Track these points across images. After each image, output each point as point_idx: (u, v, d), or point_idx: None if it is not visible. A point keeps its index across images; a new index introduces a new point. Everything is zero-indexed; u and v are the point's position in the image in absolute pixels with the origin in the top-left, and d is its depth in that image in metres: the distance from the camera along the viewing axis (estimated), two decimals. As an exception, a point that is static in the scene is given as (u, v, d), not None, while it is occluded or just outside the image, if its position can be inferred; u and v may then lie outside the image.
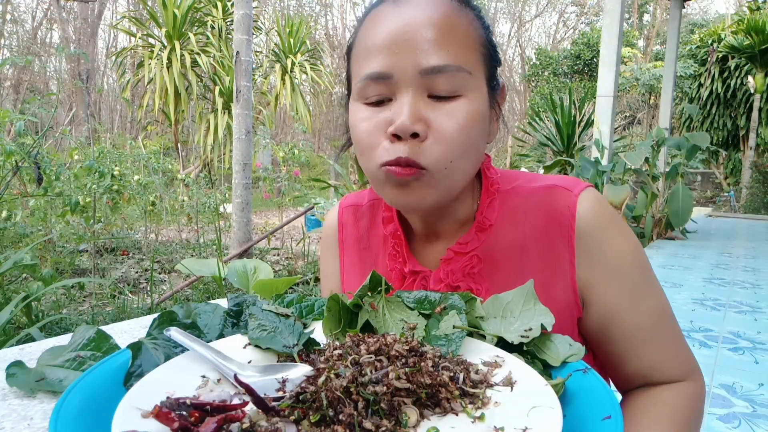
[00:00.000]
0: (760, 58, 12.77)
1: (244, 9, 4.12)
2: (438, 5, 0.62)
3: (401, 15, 0.62)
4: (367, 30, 0.65)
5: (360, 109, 0.65)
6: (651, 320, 0.67)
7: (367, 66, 0.62)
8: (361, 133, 0.64)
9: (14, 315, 2.20)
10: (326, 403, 0.40)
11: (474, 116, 0.62)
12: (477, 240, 0.69)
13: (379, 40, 0.62)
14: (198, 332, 0.55)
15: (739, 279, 4.68)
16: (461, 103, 0.61)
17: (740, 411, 2.16)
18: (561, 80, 18.12)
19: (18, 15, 18.92)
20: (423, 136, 0.60)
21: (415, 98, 0.60)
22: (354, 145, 0.68)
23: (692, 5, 22.49)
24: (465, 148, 0.62)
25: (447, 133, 0.61)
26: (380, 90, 0.62)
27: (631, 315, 0.66)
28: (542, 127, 7.56)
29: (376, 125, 0.62)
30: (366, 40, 0.64)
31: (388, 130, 0.61)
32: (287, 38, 10.86)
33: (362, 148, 0.65)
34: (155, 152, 6.87)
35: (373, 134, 0.63)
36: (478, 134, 0.64)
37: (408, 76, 0.60)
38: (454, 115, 0.61)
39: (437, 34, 0.60)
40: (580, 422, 0.43)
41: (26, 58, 3.46)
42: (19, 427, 0.48)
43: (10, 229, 3.41)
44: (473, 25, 0.65)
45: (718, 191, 14.95)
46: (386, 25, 0.62)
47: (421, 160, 0.60)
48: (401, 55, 0.60)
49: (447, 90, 0.61)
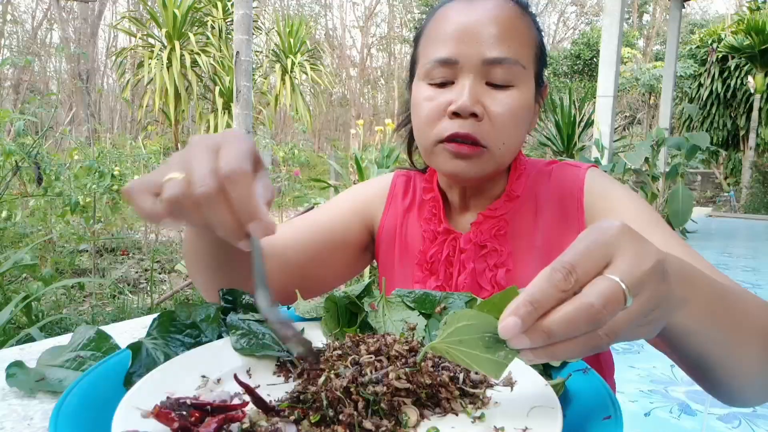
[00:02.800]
0: (760, 58, 12.76)
1: (244, 9, 4.12)
2: (503, 7, 0.72)
3: (472, 11, 0.71)
4: (438, 21, 0.74)
5: (424, 88, 0.73)
6: (675, 246, 0.67)
7: (437, 51, 0.71)
8: (423, 110, 0.73)
9: (14, 315, 2.19)
10: (326, 403, 0.40)
11: (523, 105, 0.72)
12: (505, 207, 0.79)
13: (450, 30, 0.71)
14: (198, 332, 0.55)
15: (739, 279, 4.68)
16: (513, 92, 0.71)
17: (740, 411, 2.16)
18: (561, 80, 18.11)
19: (18, 15, 18.92)
20: (480, 117, 0.69)
21: (475, 83, 0.70)
22: (414, 121, 0.76)
23: (692, 5, 22.49)
24: (514, 132, 0.72)
25: (500, 117, 0.70)
26: (445, 73, 0.71)
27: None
28: (542, 127, 7.56)
29: (438, 105, 0.71)
30: (437, 29, 0.73)
31: (449, 109, 0.70)
32: (287, 38, 10.85)
33: (422, 123, 0.73)
34: (155, 152, 6.86)
35: (434, 112, 0.71)
36: (524, 122, 0.74)
37: (472, 63, 0.69)
38: (507, 103, 0.70)
39: (500, 31, 0.69)
40: (580, 422, 0.43)
41: (26, 58, 3.46)
42: (19, 427, 0.48)
43: (10, 229, 3.41)
44: (530, 28, 0.74)
45: (718, 191, 14.95)
46: (458, 18, 0.71)
47: (480, 137, 0.70)
48: (468, 44, 0.69)
49: (503, 80, 0.70)
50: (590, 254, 0.36)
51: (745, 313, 0.50)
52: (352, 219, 0.89)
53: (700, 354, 0.48)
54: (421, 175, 0.89)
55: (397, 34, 24.72)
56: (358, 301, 0.59)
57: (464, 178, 0.74)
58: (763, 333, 0.51)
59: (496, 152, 0.71)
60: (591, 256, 0.36)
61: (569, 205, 0.77)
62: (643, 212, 0.72)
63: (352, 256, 0.89)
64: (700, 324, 0.45)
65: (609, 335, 0.35)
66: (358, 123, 5.14)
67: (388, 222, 0.89)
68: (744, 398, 0.55)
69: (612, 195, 0.75)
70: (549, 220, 0.78)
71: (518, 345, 0.35)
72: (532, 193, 0.80)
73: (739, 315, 0.49)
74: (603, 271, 0.35)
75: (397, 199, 0.90)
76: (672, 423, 2.06)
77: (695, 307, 0.43)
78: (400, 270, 0.86)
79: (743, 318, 0.50)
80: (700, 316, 0.44)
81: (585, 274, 0.35)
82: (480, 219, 0.79)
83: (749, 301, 0.53)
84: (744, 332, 0.49)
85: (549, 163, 0.84)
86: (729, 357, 0.49)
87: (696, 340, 0.46)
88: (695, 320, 0.44)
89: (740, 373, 0.50)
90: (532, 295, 0.34)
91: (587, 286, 0.35)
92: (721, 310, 0.46)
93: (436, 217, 0.83)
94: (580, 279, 0.35)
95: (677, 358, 0.52)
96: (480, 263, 0.78)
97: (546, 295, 0.34)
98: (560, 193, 0.78)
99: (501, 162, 0.74)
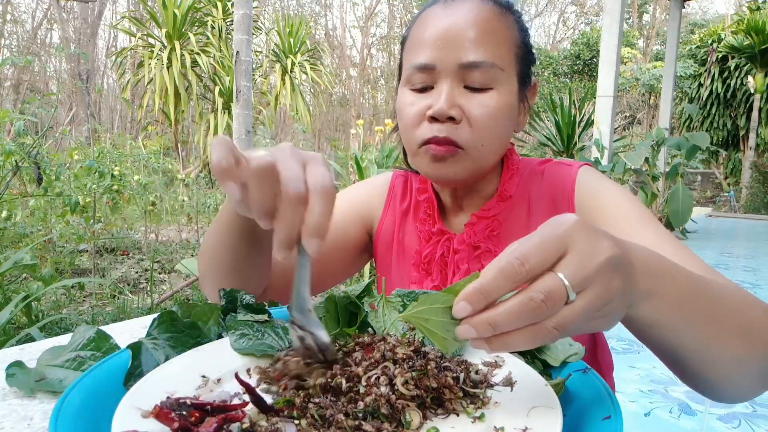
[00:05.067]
0: (760, 58, 12.77)
1: (244, 9, 4.11)
2: (481, 9, 0.72)
3: (448, 16, 0.72)
4: (419, 26, 0.75)
5: (406, 94, 0.75)
6: (662, 241, 0.67)
7: (416, 57, 0.73)
8: (405, 116, 0.75)
9: (14, 315, 2.19)
10: (327, 403, 0.40)
11: (502, 107, 0.72)
12: (498, 207, 0.79)
13: (427, 36, 0.72)
14: (198, 332, 0.55)
15: (739, 279, 4.68)
16: (492, 95, 0.71)
17: (740, 411, 2.16)
18: (561, 80, 18.11)
19: (18, 15, 18.93)
20: (458, 120, 0.71)
21: (452, 87, 0.71)
22: (399, 125, 0.79)
23: (692, 5, 22.48)
24: (494, 133, 0.73)
25: (478, 119, 0.71)
26: (424, 78, 0.73)
27: (638, 237, 0.67)
28: (542, 127, 7.55)
29: (419, 109, 0.73)
30: (417, 35, 0.74)
31: (427, 113, 0.71)
32: (287, 38, 10.85)
33: (406, 128, 0.75)
34: (155, 152, 6.87)
35: (415, 116, 0.73)
36: (505, 123, 0.74)
37: (448, 68, 0.71)
38: (485, 105, 0.71)
39: (477, 34, 0.70)
40: (580, 422, 0.43)
41: (26, 58, 3.46)
42: (19, 427, 0.48)
43: (10, 229, 3.41)
44: (511, 28, 0.74)
45: (718, 191, 14.95)
46: (435, 24, 0.72)
47: (457, 140, 0.71)
48: (445, 50, 0.70)
49: (481, 82, 0.71)
50: (543, 248, 0.37)
51: (724, 307, 0.50)
52: (351, 219, 0.89)
53: (671, 345, 0.48)
54: (416, 176, 0.90)
55: (397, 34, 24.71)
56: (358, 301, 0.59)
57: (445, 180, 0.75)
58: (744, 328, 0.50)
59: (474, 154, 0.72)
60: (543, 250, 0.37)
61: (560, 204, 0.77)
62: (633, 209, 0.72)
63: (351, 256, 0.89)
64: (668, 317, 0.45)
65: (557, 328, 0.37)
66: (358, 123, 5.14)
67: (386, 223, 0.89)
68: (728, 393, 0.54)
69: (603, 193, 0.75)
70: (541, 220, 0.76)
71: (466, 335, 0.38)
72: (524, 193, 0.80)
73: (717, 308, 0.49)
74: (555, 265, 0.37)
75: (395, 200, 0.90)
76: (672, 423, 2.06)
77: (662, 299, 0.44)
78: (397, 271, 0.87)
79: (721, 312, 0.49)
80: (668, 308, 0.45)
81: (536, 267, 0.37)
82: (473, 220, 0.79)
83: (731, 296, 0.52)
84: (722, 326, 0.49)
85: (542, 162, 0.84)
86: (704, 350, 0.49)
87: (664, 333, 0.46)
88: (662, 313, 0.44)
89: (719, 366, 0.50)
90: (483, 284, 0.37)
91: (535, 280, 0.37)
92: (693, 304, 0.46)
93: (431, 217, 0.83)
94: (530, 271, 0.36)
95: (652, 349, 0.52)
96: (474, 264, 0.78)
97: (496, 285, 0.37)
98: (552, 192, 0.79)
99: (481, 163, 0.74)
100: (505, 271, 0.36)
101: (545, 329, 0.37)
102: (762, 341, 0.51)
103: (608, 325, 0.41)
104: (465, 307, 0.37)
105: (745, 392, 0.54)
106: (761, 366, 0.52)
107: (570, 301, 0.36)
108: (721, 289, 0.51)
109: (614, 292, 0.38)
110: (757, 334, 0.51)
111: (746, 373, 0.51)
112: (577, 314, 0.37)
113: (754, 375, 0.52)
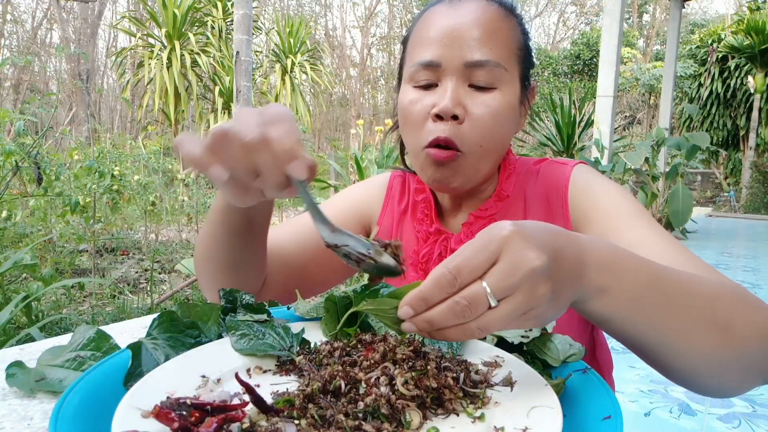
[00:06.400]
0: (760, 58, 12.77)
1: (244, 9, 4.11)
2: (486, 9, 0.73)
3: (455, 14, 0.72)
4: (423, 24, 0.75)
5: (410, 91, 0.74)
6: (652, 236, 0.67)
7: (421, 54, 0.72)
8: (409, 114, 0.74)
9: (14, 315, 2.19)
10: (327, 403, 0.40)
11: (505, 107, 0.72)
12: (495, 207, 0.80)
13: (434, 34, 0.72)
14: (198, 332, 0.55)
15: (739, 279, 4.68)
16: (496, 94, 0.72)
17: (740, 411, 2.16)
18: (561, 80, 18.11)
19: (18, 15, 18.92)
20: (461, 119, 0.70)
21: (457, 85, 0.71)
22: (401, 124, 0.78)
23: (692, 5, 22.48)
24: (495, 133, 0.73)
25: (481, 119, 0.71)
26: (429, 76, 0.72)
27: (628, 233, 0.68)
28: (542, 127, 7.55)
29: (423, 107, 0.72)
30: (422, 32, 0.74)
31: (432, 111, 0.71)
32: (287, 38, 10.85)
33: (409, 127, 0.75)
34: (155, 152, 6.86)
35: (419, 115, 0.73)
36: (507, 123, 0.74)
37: (454, 66, 0.71)
38: (489, 104, 0.71)
39: (483, 34, 0.70)
40: (580, 422, 0.43)
41: (26, 58, 3.46)
42: (19, 427, 0.48)
43: (10, 229, 3.40)
44: (515, 30, 0.75)
45: (718, 191, 14.95)
46: (441, 22, 0.72)
47: (458, 141, 0.70)
48: (451, 47, 0.70)
49: (485, 82, 0.71)
50: (474, 259, 0.41)
51: (693, 300, 0.49)
52: (350, 219, 0.89)
53: (633, 338, 0.49)
54: (414, 177, 0.90)
55: (397, 34, 24.71)
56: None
57: (444, 185, 0.75)
58: (718, 322, 0.50)
59: (473, 156, 0.72)
60: (475, 260, 0.41)
61: (555, 202, 0.78)
62: (625, 206, 0.72)
63: None
64: (624, 311, 0.47)
65: (481, 328, 0.42)
66: (358, 123, 5.14)
67: (385, 223, 0.89)
68: (705, 385, 0.54)
69: (595, 190, 0.76)
70: (537, 219, 0.77)
71: (408, 330, 0.44)
72: (521, 193, 0.81)
73: (682, 301, 0.49)
74: (486, 272, 0.41)
75: (394, 200, 0.91)
76: (672, 423, 2.06)
77: (615, 295, 0.46)
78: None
79: (688, 304, 0.49)
80: (623, 303, 0.46)
81: (468, 276, 0.41)
82: (471, 220, 0.80)
83: (705, 290, 0.51)
84: (687, 319, 0.48)
85: (538, 161, 0.84)
86: (668, 342, 0.49)
87: (623, 326, 0.48)
88: (617, 307, 0.46)
89: (686, 358, 0.50)
90: (423, 292, 0.42)
91: (465, 287, 0.41)
92: (652, 298, 0.47)
93: (428, 217, 0.84)
94: (462, 281, 0.41)
95: (618, 340, 0.52)
96: None
97: (432, 294, 0.42)
98: (547, 191, 0.79)
99: (479, 166, 0.74)
100: (440, 283, 0.41)
101: (471, 328, 0.42)
102: (743, 336, 0.50)
103: (540, 325, 0.44)
104: (408, 311, 0.43)
105: (731, 386, 0.54)
106: (746, 360, 0.51)
107: (492, 306, 0.41)
108: (692, 282, 0.51)
109: (539, 299, 0.41)
110: (737, 329, 0.50)
111: (723, 366, 0.51)
112: (499, 318, 0.41)
113: (736, 368, 0.52)
